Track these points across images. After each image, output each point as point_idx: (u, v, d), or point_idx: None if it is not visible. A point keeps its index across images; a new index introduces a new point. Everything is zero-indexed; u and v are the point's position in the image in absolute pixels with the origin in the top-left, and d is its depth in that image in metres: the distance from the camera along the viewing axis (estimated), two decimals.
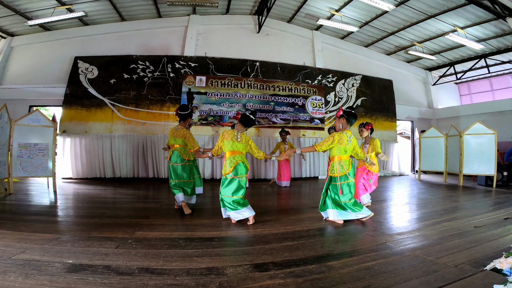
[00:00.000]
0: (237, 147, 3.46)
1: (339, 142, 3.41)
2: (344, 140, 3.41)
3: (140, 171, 7.73)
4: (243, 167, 3.46)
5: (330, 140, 3.44)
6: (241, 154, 3.49)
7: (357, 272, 2.06)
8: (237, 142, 3.47)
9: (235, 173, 3.42)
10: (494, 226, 3.29)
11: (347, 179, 3.44)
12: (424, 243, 2.71)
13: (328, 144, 3.46)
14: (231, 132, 3.52)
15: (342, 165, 3.43)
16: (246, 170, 3.48)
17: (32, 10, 7.37)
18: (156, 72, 8.24)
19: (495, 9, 7.13)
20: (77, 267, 2.08)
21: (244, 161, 3.49)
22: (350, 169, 3.45)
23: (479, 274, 1.98)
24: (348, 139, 3.43)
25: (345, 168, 3.42)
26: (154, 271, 2.05)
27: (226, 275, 2.00)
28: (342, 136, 3.42)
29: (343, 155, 3.45)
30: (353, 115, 3.50)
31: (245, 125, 3.57)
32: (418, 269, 2.10)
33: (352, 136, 3.50)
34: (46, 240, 2.68)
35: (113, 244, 2.58)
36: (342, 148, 3.42)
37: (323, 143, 3.49)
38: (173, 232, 3.03)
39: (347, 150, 3.44)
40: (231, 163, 3.43)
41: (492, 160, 6.93)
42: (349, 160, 3.49)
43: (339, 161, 3.45)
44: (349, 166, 3.45)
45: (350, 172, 3.45)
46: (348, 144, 3.43)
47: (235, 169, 3.42)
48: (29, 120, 5.69)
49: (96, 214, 3.80)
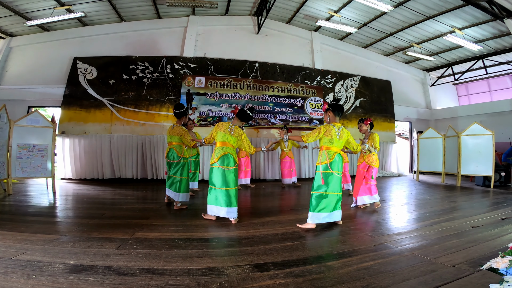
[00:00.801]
0: (228, 139, 3.57)
1: (326, 134, 3.40)
2: (331, 132, 3.38)
3: (139, 172, 7.73)
4: (232, 159, 3.55)
5: (317, 132, 3.45)
6: (231, 147, 3.59)
7: (356, 272, 2.09)
8: (229, 135, 3.57)
9: (221, 162, 3.52)
10: (491, 226, 3.32)
11: (327, 169, 3.36)
12: (422, 243, 2.74)
13: (315, 136, 3.45)
14: (226, 124, 3.63)
15: (326, 155, 3.38)
16: (234, 162, 3.56)
17: (31, 10, 7.36)
18: (155, 73, 8.24)
19: (492, 10, 7.18)
20: (78, 268, 2.09)
21: (233, 153, 3.58)
22: (333, 160, 3.36)
23: (476, 273, 2.01)
24: (336, 131, 3.40)
25: (327, 159, 3.36)
26: (155, 272, 2.07)
27: (227, 275, 2.02)
28: (329, 128, 3.41)
29: (329, 146, 3.40)
30: (338, 107, 3.52)
31: (241, 120, 3.71)
32: (417, 269, 2.12)
33: (341, 128, 3.46)
34: (46, 241, 2.69)
35: (113, 245, 2.60)
36: (328, 139, 3.39)
37: (310, 134, 3.48)
38: (173, 233, 3.04)
39: (333, 142, 3.38)
40: (219, 153, 3.54)
41: (490, 160, 6.98)
42: (336, 153, 3.38)
43: (323, 151, 3.42)
44: (333, 157, 3.35)
45: (334, 163, 3.35)
46: (337, 136, 3.39)
47: (221, 159, 3.52)
48: (28, 121, 5.68)
49: (96, 215, 3.81)
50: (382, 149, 9.99)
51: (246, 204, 5.09)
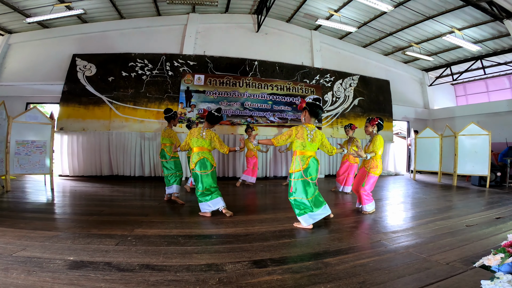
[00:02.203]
0: (202, 144, 3.70)
1: (297, 137, 3.21)
2: (303, 135, 3.19)
3: (138, 169, 7.75)
4: (208, 163, 3.69)
5: (288, 135, 3.25)
6: (207, 150, 3.72)
7: (353, 268, 2.13)
8: (202, 139, 3.69)
9: (199, 167, 3.66)
10: (485, 225, 3.37)
11: (300, 177, 3.19)
12: (417, 241, 2.78)
13: (285, 138, 3.26)
14: (198, 130, 3.76)
15: (299, 161, 3.20)
16: (210, 166, 3.71)
17: (30, 7, 7.33)
18: (154, 70, 8.24)
19: (492, 11, 7.21)
20: (78, 264, 2.12)
21: (208, 157, 3.71)
22: (308, 166, 3.19)
23: (469, 271, 2.05)
24: (308, 133, 3.21)
25: (301, 165, 3.18)
26: (154, 268, 2.10)
27: (226, 271, 2.05)
28: (301, 130, 3.21)
29: (302, 150, 3.22)
30: (316, 107, 3.25)
31: (211, 123, 3.78)
32: (411, 266, 2.17)
33: (315, 131, 3.27)
34: (46, 237, 2.70)
35: (113, 241, 2.62)
36: (300, 143, 3.20)
37: (281, 137, 3.29)
38: (172, 230, 3.07)
39: (306, 145, 3.19)
40: (195, 158, 3.68)
41: (486, 160, 7.04)
42: (310, 157, 3.22)
43: (297, 156, 3.24)
44: (307, 163, 3.19)
45: (307, 170, 3.20)
46: (308, 139, 3.20)
47: (198, 164, 3.66)
48: (26, 117, 5.68)
49: (95, 211, 3.83)
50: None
51: (245, 202, 5.13)
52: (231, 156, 8.34)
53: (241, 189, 6.27)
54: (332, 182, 7.26)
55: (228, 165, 8.39)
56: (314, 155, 3.29)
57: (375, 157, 3.95)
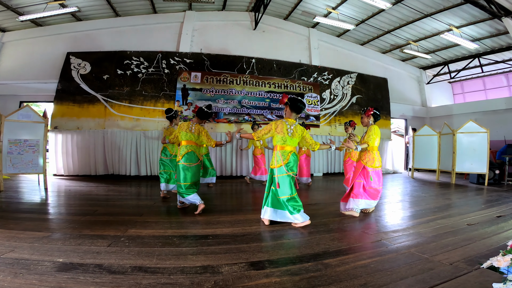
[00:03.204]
0: (190, 137, 3.84)
1: (277, 131, 3.19)
2: (283, 129, 3.17)
3: (133, 168, 7.64)
4: (194, 156, 3.82)
5: (267, 129, 3.25)
6: (195, 144, 3.86)
7: (354, 270, 2.05)
8: (190, 133, 3.84)
9: (185, 159, 3.78)
10: (487, 224, 3.32)
11: (283, 172, 3.15)
12: (418, 241, 2.71)
13: (264, 132, 3.26)
14: (187, 124, 3.91)
15: (280, 156, 3.17)
16: (197, 159, 3.83)
17: (23, 5, 7.20)
18: (150, 68, 8.12)
19: (491, 8, 7.18)
20: (67, 266, 2.03)
21: (196, 151, 3.84)
22: (288, 162, 3.16)
23: (474, 272, 1.99)
24: (288, 128, 3.18)
25: (282, 160, 3.15)
26: (147, 270, 2.01)
27: (222, 274, 1.97)
28: (281, 125, 3.19)
29: (283, 145, 3.19)
30: (298, 102, 3.21)
31: (201, 118, 3.96)
32: (414, 267, 2.09)
33: (295, 125, 3.22)
34: (36, 238, 2.62)
35: (105, 242, 2.53)
36: (281, 138, 3.18)
37: (260, 131, 3.30)
38: (167, 230, 2.99)
39: (286, 140, 3.17)
40: (183, 151, 3.81)
41: (484, 158, 7.01)
42: (291, 152, 3.19)
43: (277, 151, 3.21)
44: (288, 158, 3.15)
45: (288, 165, 3.16)
46: (289, 134, 3.17)
47: (184, 156, 3.78)
48: (19, 116, 5.57)
49: (88, 211, 3.73)
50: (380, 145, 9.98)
51: (242, 201, 5.06)
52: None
53: (239, 188, 6.19)
54: (330, 180, 7.21)
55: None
56: (294, 150, 3.26)
57: (371, 149, 3.69)
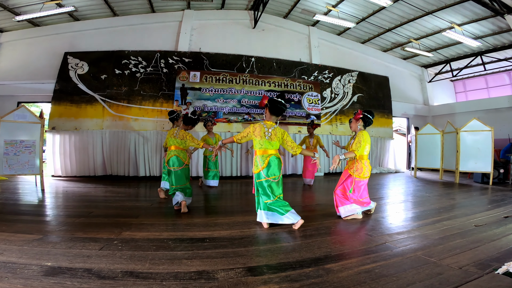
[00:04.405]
0: (175, 142, 4.01)
1: (255, 135, 3.07)
2: (260, 133, 3.04)
3: (132, 169, 7.54)
4: (177, 161, 3.96)
5: (246, 132, 3.14)
6: (179, 149, 4.01)
7: (357, 275, 1.94)
8: (175, 138, 4.02)
9: (170, 164, 3.98)
10: (495, 225, 3.20)
11: (262, 177, 3.03)
12: (425, 243, 2.59)
13: (243, 135, 3.16)
14: (173, 130, 4.12)
15: (259, 161, 3.06)
16: (180, 163, 3.97)
17: (20, 5, 7.11)
18: (148, 67, 8.03)
19: (493, 6, 7.07)
20: (55, 270, 1.94)
21: (180, 155, 3.97)
22: (267, 166, 3.04)
23: (485, 276, 1.87)
24: (266, 131, 3.05)
25: (260, 165, 3.03)
26: (139, 275, 1.91)
27: (217, 280, 1.86)
28: (259, 128, 3.07)
29: (261, 149, 3.08)
30: (277, 104, 3.05)
31: (185, 124, 4.13)
32: (421, 272, 1.98)
33: (274, 128, 3.08)
34: (26, 241, 2.53)
35: (97, 246, 2.43)
36: (258, 142, 3.07)
37: (240, 134, 3.19)
38: (163, 232, 2.88)
39: (264, 144, 3.05)
40: (168, 155, 4.03)
41: (489, 157, 6.87)
42: (270, 156, 3.05)
43: (257, 156, 3.10)
44: (267, 162, 3.03)
45: (267, 169, 3.04)
46: (266, 137, 3.04)
47: (169, 160, 3.98)
48: (15, 116, 5.50)
49: (83, 213, 3.63)
50: (379, 145, 9.86)
51: (241, 202, 4.95)
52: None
53: (239, 188, 6.09)
54: (332, 180, 7.08)
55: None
56: (275, 153, 3.12)
57: (360, 158, 3.39)
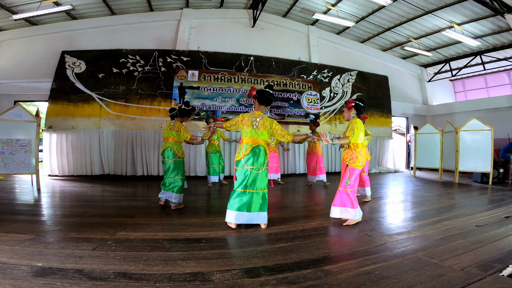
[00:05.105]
0: (170, 135, 4.09)
1: (243, 124, 3.12)
2: (248, 122, 3.08)
3: (130, 168, 7.48)
4: (171, 152, 4.02)
5: (235, 120, 3.20)
6: (173, 141, 4.07)
7: (356, 277, 1.88)
8: (170, 130, 4.10)
9: (163, 155, 4.07)
10: (496, 225, 3.15)
11: (241, 165, 3.03)
12: (425, 244, 2.54)
13: (232, 123, 3.21)
14: (170, 122, 4.20)
15: (241, 149, 3.08)
16: (173, 155, 4.01)
17: (17, 4, 7.02)
18: (146, 66, 7.96)
19: (493, 5, 7.03)
20: (46, 271, 1.89)
21: (173, 147, 4.02)
22: (247, 155, 3.00)
23: (488, 278, 1.82)
24: (253, 120, 3.08)
25: (242, 153, 3.04)
26: (132, 276, 1.85)
27: (212, 282, 1.80)
28: (247, 117, 3.11)
29: (247, 138, 3.08)
30: (265, 94, 3.11)
31: (181, 116, 4.21)
32: (422, 273, 1.92)
33: (262, 117, 3.09)
34: (18, 241, 2.48)
35: (90, 246, 2.38)
36: (245, 131, 3.10)
37: (229, 122, 3.25)
38: (158, 233, 2.82)
39: (249, 133, 3.06)
40: (163, 147, 4.11)
41: (488, 156, 6.84)
42: (253, 146, 3.02)
43: (242, 144, 3.11)
44: (248, 151, 3.00)
45: (247, 159, 3.00)
46: (254, 127, 3.06)
47: (163, 152, 4.08)
48: (11, 115, 5.45)
49: (78, 213, 3.57)
50: (378, 145, 9.82)
51: None
52: None
53: None
54: (331, 180, 7.03)
55: None
56: (261, 143, 3.08)
57: (355, 146, 3.23)
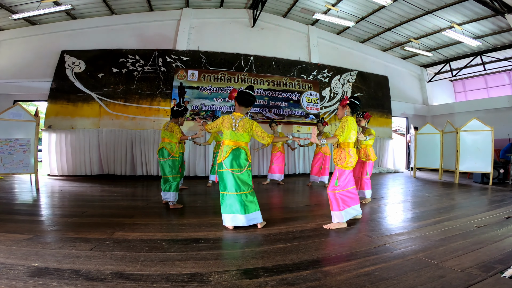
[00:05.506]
0: (165, 135, 4.19)
1: (223, 125, 3.08)
2: (228, 124, 3.04)
3: (129, 168, 7.46)
4: (165, 152, 4.11)
5: (216, 122, 3.18)
6: (167, 141, 4.16)
7: (356, 278, 1.86)
8: (165, 131, 4.21)
9: (159, 155, 4.17)
10: (496, 225, 3.13)
11: (223, 168, 3.00)
12: (426, 245, 2.52)
13: (213, 125, 3.21)
14: (166, 123, 4.32)
15: (222, 151, 3.04)
16: (168, 155, 4.10)
17: (17, 4, 7.00)
18: (146, 66, 7.94)
19: (493, 5, 7.01)
20: (42, 271, 1.88)
21: (167, 147, 4.11)
22: (227, 157, 2.98)
23: (489, 279, 1.81)
24: (233, 122, 3.04)
25: (222, 156, 3.01)
26: (129, 277, 1.84)
27: (210, 283, 1.79)
28: (227, 119, 3.07)
29: (226, 140, 3.05)
30: (245, 95, 3.04)
31: (174, 116, 4.35)
32: (423, 275, 1.90)
33: (242, 119, 3.05)
34: (15, 241, 2.46)
35: (87, 246, 2.36)
36: (226, 133, 3.06)
37: (211, 124, 3.25)
38: (157, 233, 2.80)
39: (229, 135, 3.03)
40: (159, 147, 4.21)
41: (489, 157, 6.82)
42: (233, 148, 3.00)
43: (222, 146, 3.07)
44: (228, 153, 2.98)
45: (227, 161, 2.98)
46: (232, 128, 3.03)
47: (159, 152, 4.18)
48: (10, 114, 5.44)
49: (77, 213, 3.55)
50: (378, 145, 9.79)
51: None
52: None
53: None
54: None
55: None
56: (241, 145, 3.05)
57: (345, 146, 3.10)
